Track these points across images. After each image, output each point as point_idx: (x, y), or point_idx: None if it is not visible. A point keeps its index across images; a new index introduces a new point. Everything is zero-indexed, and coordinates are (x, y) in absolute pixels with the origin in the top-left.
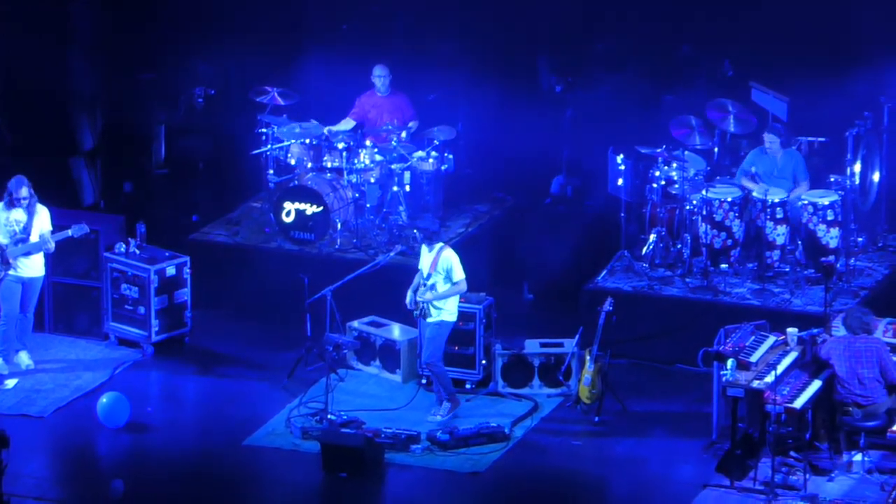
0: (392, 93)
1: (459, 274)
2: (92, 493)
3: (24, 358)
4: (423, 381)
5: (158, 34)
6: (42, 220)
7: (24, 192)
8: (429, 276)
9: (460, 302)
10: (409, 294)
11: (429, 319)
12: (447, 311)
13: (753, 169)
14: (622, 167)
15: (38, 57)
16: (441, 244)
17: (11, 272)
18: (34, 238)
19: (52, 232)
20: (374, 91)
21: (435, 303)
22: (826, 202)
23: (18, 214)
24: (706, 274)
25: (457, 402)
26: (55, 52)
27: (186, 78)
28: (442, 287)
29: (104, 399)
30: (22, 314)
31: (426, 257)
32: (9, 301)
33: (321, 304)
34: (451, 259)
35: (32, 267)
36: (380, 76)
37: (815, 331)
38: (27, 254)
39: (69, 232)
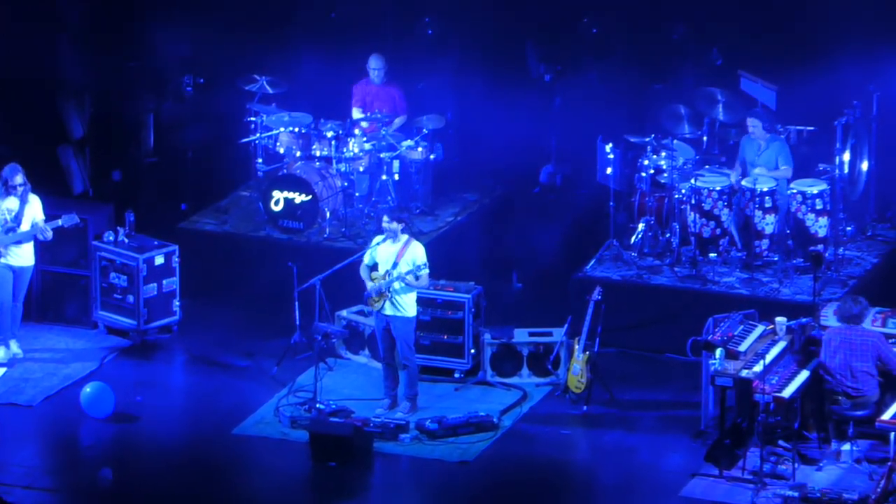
0: (386, 83)
1: (426, 266)
2: (81, 482)
3: (12, 347)
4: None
5: (147, 22)
6: (34, 209)
7: (19, 178)
8: (395, 265)
9: (448, 291)
10: (371, 285)
11: (388, 311)
12: (410, 305)
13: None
14: (611, 156)
15: (27, 45)
16: (407, 236)
17: (2, 260)
18: (25, 227)
19: (45, 221)
20: (369, 80)
21: (399, 296)
22: (815, 191)
23: (10, 203)
24: (695, 263)
25: (416, 405)
26: (44, 40)
27: (175, 66)
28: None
29: (87, 389)
30: (13, 303)
31: (388, 249)
32: (4, 290)
33: (310, 293)
34: (420, 251)
35: (23, 256)
36: (375, 68)
37: (803, 320)
38: (18, 243)
39: (59, 222)
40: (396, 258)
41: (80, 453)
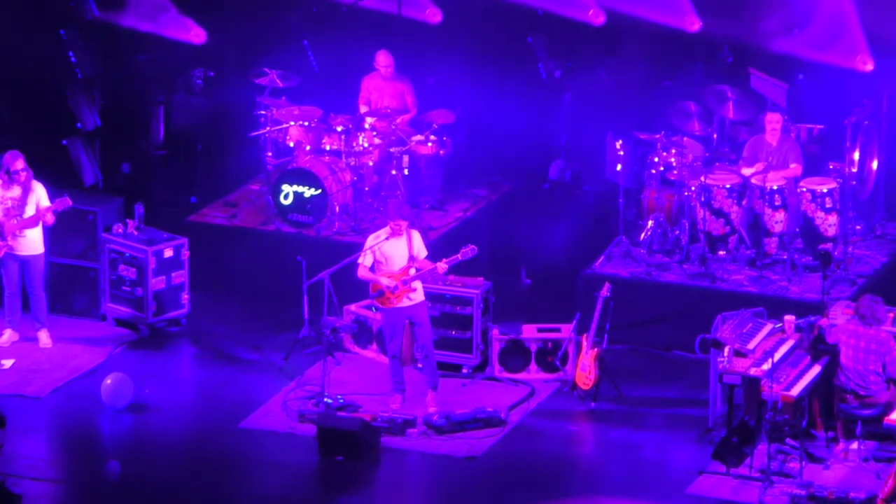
0: (395, 77)
1: (425, 249)
2: (88, 474)
3: (42, 337)
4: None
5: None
6: (37, 195)
7: (20, 164)
8: (412, 258)
9: (457, 286)
10: (388, 281)
11: (406, 303)
12: (421, 290)
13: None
14: (621, 153)
15: (37, 36)
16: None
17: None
18: (30, 213)
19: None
20: (378, 74)
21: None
22: (824, 190)
23: (13, 191)
24: (704, 260)
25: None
26: (53, 31)
27: (186, 59)
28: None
29: (108, 380)
30: (31, 293)
31: (397, 245)
32: (10, 277)
33: (319, 287)
34: (419, 237)
35: (30, 245)
36: (384, 65)
37: (812, 318)
38: (22, 229)
39: (52, 207)
40: (409, 251)
41: (87, 445)
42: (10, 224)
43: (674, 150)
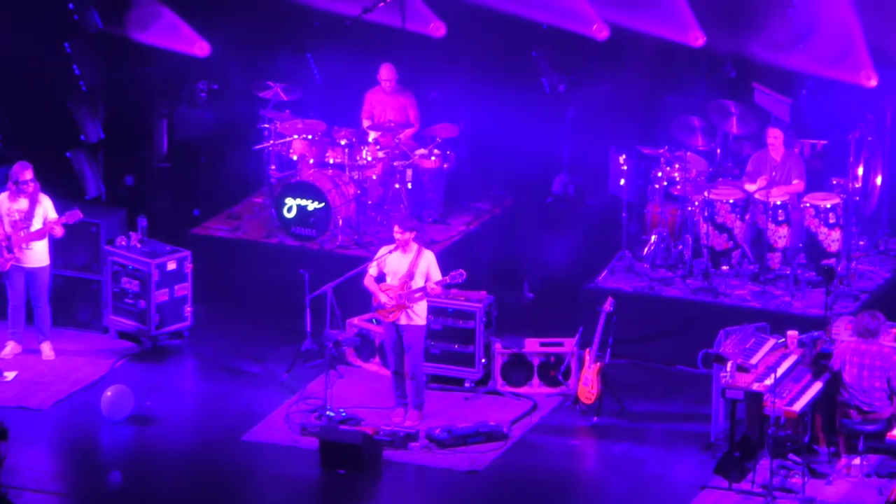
0: (398, 91)
1: (440, 273)
2: (90, 486)
3: (45, 350)
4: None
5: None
6: (45, 207)
7: (28, 174)
8: (412, 275)
9: (460, 300)
10: (385, 298)
11: (403, 321)
12: (423, 313)
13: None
14: (624, 167)
15: (40, 48)
16: (416, 245)
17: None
18: (37, 226)
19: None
20: (381, 88)
21: (415, 305)
22: (828, 205)
23: (20, 203)
24: (707, 275)
25: (423, 414)
26: (57, 43)
27: (190, 71)
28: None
29: (108, 392)
30: (35, 305)
31: (400, 259)
32: (15, 289)
33: (321, 301)
34: (434, 260)
35: (36, 257)
36: (387, 79)
37: (815, 334)
38: (29, 242)
39: (62, 220)
40: (411, 268)
41: (89, 457)
42: (18, 236)
43: (677, 165)
